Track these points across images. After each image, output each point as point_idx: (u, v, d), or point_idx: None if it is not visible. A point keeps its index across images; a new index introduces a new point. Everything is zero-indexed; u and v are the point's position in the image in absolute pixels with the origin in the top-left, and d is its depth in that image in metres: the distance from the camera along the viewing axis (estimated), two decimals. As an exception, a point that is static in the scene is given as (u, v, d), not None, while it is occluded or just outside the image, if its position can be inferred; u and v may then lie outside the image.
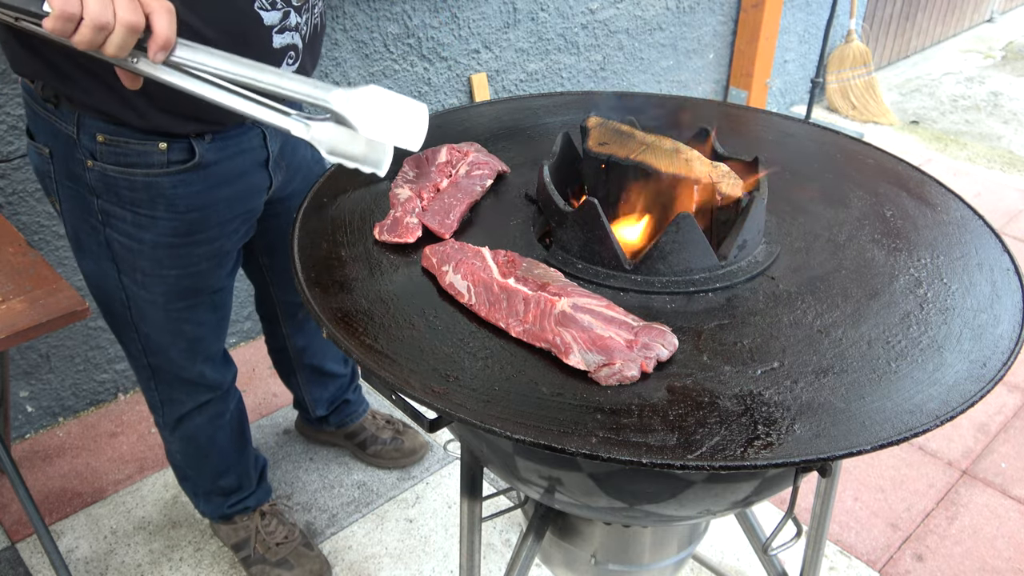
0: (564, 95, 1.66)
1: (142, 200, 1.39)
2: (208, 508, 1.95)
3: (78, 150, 1.35)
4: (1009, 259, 1.19)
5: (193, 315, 1.56)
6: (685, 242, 1.08)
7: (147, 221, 1.41)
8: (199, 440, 1.78)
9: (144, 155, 1.35)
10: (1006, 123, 4.54)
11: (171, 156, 1.36)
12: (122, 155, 1.34)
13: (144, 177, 1.37)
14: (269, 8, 1.27)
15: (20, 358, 2.22)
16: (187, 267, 1.49)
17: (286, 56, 1.34)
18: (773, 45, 3.90)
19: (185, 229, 1.44)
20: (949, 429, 2.44)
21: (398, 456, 2.25)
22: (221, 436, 1.80)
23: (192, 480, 1.90)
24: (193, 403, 1.71)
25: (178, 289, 1.51)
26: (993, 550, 2.07)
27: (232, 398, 1.80)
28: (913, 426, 0.89)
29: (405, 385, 0.93)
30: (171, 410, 1.72)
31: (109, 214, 1.41)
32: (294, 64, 1.36)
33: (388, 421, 2.29)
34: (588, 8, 3.15)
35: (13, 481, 1.61)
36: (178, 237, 1.44)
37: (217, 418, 1.77)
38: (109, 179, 1.36)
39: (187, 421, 1.74)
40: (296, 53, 1.36)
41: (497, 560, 2.03)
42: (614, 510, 1.11)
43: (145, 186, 1.37)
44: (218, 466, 1.86)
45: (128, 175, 1.36)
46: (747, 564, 2.03)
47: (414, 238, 1.17)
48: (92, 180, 1.37)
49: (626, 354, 0.94)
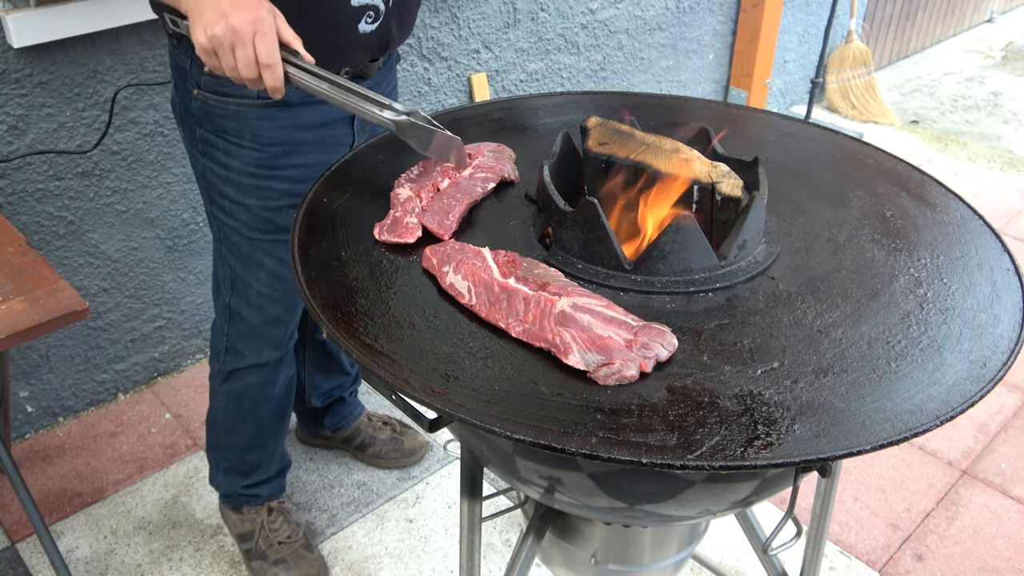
0: (564, 95, 1.66)
1: (232, 128, 1.51)
2: (225, 483, 1.96)
3: (189, 80, 1.50)
4: (1009, 259, 1.19)
5: (274, 249, 1.64)
6: (685, 242, 1.08)
7: (235, 149, 1.53)
8: (243, 401, 1.82)
9: (239, 87, 1.44)
10: (1006, 123, 4.54)
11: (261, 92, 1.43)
12: (221, 85, 1.47)
13: (236, 106, 1.49)
14: None
15: (20, 358, 2.22)
16: (266, 199, 1.58)
17: (364, 15, 1.44)
18: (773, 45, 3.90)
19: (267, 162, 1.54)
20: (949, 429, 2.44)
21: (398, 456, 2.25)
22: (264, 407, 1.84)
23: (221, 449, 1.92)
24: (253, 359, 1.76)
25: (259, 220, 1.60)
26: (993, 550, 2.07)
27: (284, 371, 1.83)
28: (913, 426, 0.89)
29: (405, 385, 0.93)
30: (231, 360, 1.78)
31: (207, 142, 1.55)
32: (373, 23, 1.46)
33: (385, 422, 2.30)
34: (588, 8, 3.15)
35: (13, 481, 1.61)
36: (260, 168, 1.54)
37: (267, 385, 1.81)
38: (209, 107, 1.50)
39: (240, 377, 1.79)
40: (375, 14, 1.45)
41: (497, 560, 2.03)
42: (614, 510, 1.11)
43: (236, 115, 1.50)
44: (251, 438, 1.88)
45: (223, 103, 1.49)
46: (747, 564, 2.03)
47: (414, 238, 1.17)
48: (196, 109, 1.52)
49: (625, 354, 0.94)
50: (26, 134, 2.01)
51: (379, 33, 1.48)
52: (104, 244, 2.25)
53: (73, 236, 2.19)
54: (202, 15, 1.17)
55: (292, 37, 1.21)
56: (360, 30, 1.45)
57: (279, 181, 1.57)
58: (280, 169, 1.56)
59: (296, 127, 1.53)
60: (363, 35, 1.46)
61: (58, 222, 2.15)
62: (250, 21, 1.15)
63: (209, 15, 1.16)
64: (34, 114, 2.01)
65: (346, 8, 1.42)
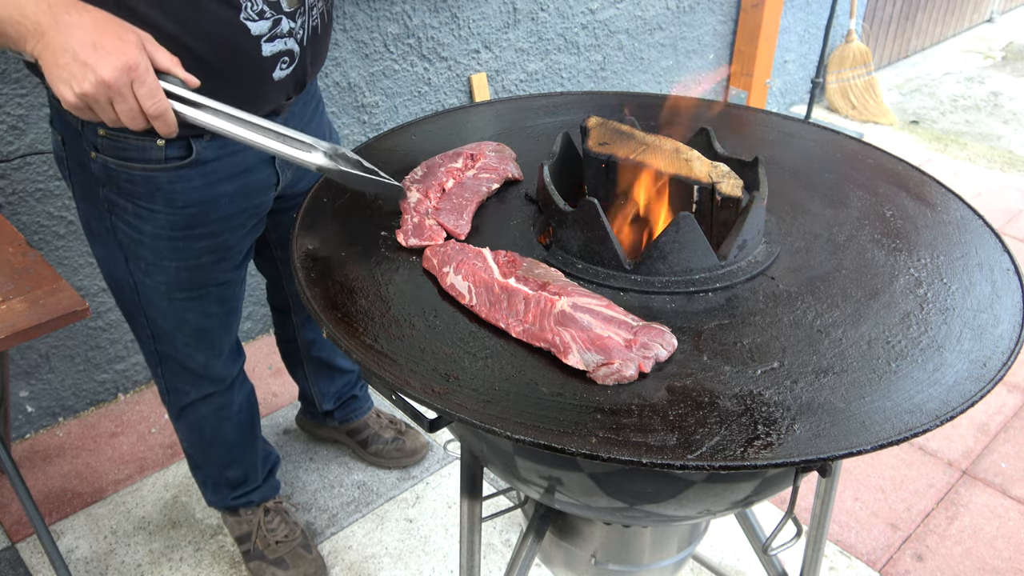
0: (564, 95, 1.66)
1: (141, 193, 1.40)
2: (215, 498, 1.96)
3: (83, 140, 1.36)
4: (1009, 259, 1.19)
5: (197, 306, 1.57)
6: (685, 242, 1.08)
7: (147, 214, 1.42)
8: (203, 430, 1.80)
9: (142, 150, 1.36)
10: (1006, 123, 4.54)
11: (168, 152, 1.37)
12: (121, 149, 1.35)
13: (142, 172, 1.37)
14: (257, 18, 1.27)
15: (20, 358, 2.22)
16: (187, 260, 1.49)
17: (279, 63, 1.34)
18: (773, 45, 3.90)
19: (184, 223, 1.44)
20: (949, 429, 2.44)
21: (399, 456, 2.25)
22: (227, 428, 1.81)
23: (202, 470, 1.91)
24: (197, 394, 1.72)
25: (179, 280, 1.51)
26: (993, 550, 2.07)
27: (239, 391, 1.80)
28: (913, 426, 0.89)
29: (405, 385, 0.93)
30: (175, 398, 1.74)
31: (113, 203, 1.42)
32: (288, 68, 1.36)
33: (391, 421, 2.30)
34: (588, 8, 3.15)
35: (13, 481, 1.61)
36: (177, 231, 1.45)
37: (222, 409, 1.78)
38: (111, 171, 1.38)
39: (191, 411, 1.76)
40: (291, 58, 1.36)
41: (497, 560, 2.03)
42: (614, 510, 1.11)
43: (143, 180, 1.38)
44: (224, 457, 1.87)
45: (127, 168, 1.37)
46: (747, 564, 2.03)
47: (441, 239, 1.17)
48: (96, 170, 1.39)
49: (624, 354, 0.94)
50: (26, 134, 2.01)
51: (295, 75, 1.39)
52: (104, 244, 2.25)
53: (73, 236, 2.19)
54: (62, 68, 0.99)
55: (170, 62, 1.05)
56: (275, 78, 1.35)
57: (198, 240, 1.47)
58: (199, 227, 1.46)
59: (213, 183, 1.42)
60: (279, 82, 1.36)
61: (58, 222, 2.15)
62: (123, 70, 0.98)
63: (71, 69, 0.98)
64: (34, 114, 2.01)
65: (258, 60, 1.30)
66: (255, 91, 1.35)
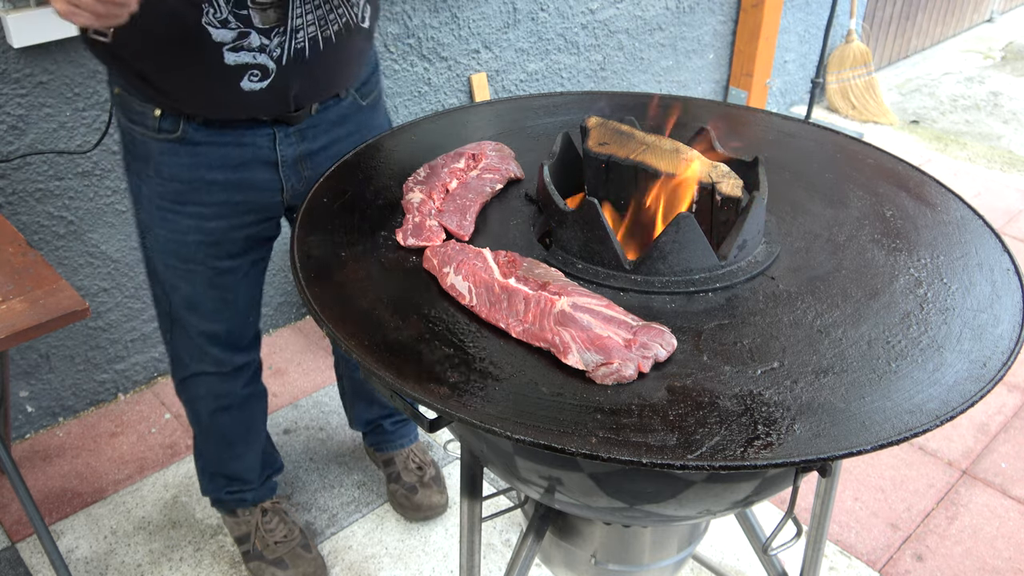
0: (564, 95, 1.66)
1: (141, 156, 1.50)
2: (209, 488, 1.96)
3: (112, 97, 1.51)
4: (1009, 259, 1.19)
5: (188, 279, 1.60)
6: (685, 242, 1.08)
7: (145, 177, 1.52)
8: (199, 412, 1.81)
9: (142, 115, 1.44)
10: (1006, 123, 4.54)
11: (162, 124, 1.44)
12: (128, 110, 1.46)
13: (140, 136, 1.47)
14: (219, 26, 1.30)
15: (20, 358, 2.22)
16: (174, 232, 1.54)
17: (247, 74, 1.36)
18: (773, 45, 3.90)
19: (171, 196, 1.51)
20: (949, 429, 2.44)
21: (407, 507, 2.11)
22: (225, 419, 1.81)
23: (203, 457, 1.92)
24: (196, 368, 1.74)
25: (167, 249, 1.57)
26: (993, 550, 2.07)
27: (243, 385, 1.80)
28: (913, 426, 0.89)
29: (405, 385, 0.93)
30: (177, 368, 1.77)
31: (128, 163, 1.55)
32: (261, 81, 1.37)
33: (419, 466, 2.14)
34: (588, 8, 3.15)
35: (13, 481, 1.61)
36: (164, 201, 1.52)
37: (220, 397, 1.78)
38: (122, 127, 1.51)
39: (190, 385, 1.78)
40: (263, 72, 1.37)
41: (497, 560, 2.03)
42: (614, 510, 1.11)
43: (142, 144, 1.48)
44: (222, 449, 1.87)
45: (131, 129, 1.48)
46: (747, 564, 2.03)
47: (440, 240, 1.17)
48: (123, 126, 1.51)
49: (624, 354, 0.94)
50: (26, 134, 2.01)
51: (274, 91, 1.39)
52: (104, 244, 2.25)
53: (73, 236, 2.19)
54: None
55: None
56: (244, 87, 1.37)
57: (185, 217, 1.52)
58: (186, 205, 1.51)
59: (200, 165, 1.47)
60: (250, 92, 1.38)
61: (58, 222, 2.15)
62: None
63: None
64: (34, 114, 2.01)
65: (219, 65, 1.33)
66: (219, 93, 1.38)
